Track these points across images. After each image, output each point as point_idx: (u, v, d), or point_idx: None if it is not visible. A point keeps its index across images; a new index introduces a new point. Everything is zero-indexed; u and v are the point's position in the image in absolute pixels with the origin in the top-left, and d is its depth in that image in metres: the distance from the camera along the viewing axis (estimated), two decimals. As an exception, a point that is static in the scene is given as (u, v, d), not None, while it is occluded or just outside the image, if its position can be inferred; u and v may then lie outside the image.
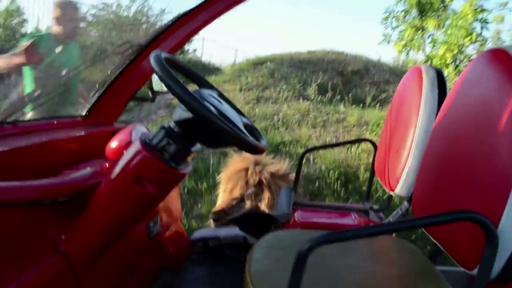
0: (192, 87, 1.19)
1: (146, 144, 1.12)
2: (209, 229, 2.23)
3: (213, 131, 1.00)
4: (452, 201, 1.02)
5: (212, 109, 1.08)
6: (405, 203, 1.60)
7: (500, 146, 0.89)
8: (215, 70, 11.93)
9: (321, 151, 5.05)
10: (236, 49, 20.14)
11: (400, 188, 1.57)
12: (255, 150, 1.08)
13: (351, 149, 4.75)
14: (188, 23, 1.93)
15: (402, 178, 1.56)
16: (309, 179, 4.43)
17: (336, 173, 4.51)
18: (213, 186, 4.39)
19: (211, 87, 1.34)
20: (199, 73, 1.35)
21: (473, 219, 0.82)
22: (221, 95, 1.31)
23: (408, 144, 1.57)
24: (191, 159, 1.23)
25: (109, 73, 2.06)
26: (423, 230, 1.18)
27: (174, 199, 2.15)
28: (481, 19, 3.81)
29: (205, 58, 16.29)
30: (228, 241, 2.03)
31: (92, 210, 1.22)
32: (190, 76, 1.34)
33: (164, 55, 1.12)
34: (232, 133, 0.98)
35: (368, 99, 8.62)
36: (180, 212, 2.26)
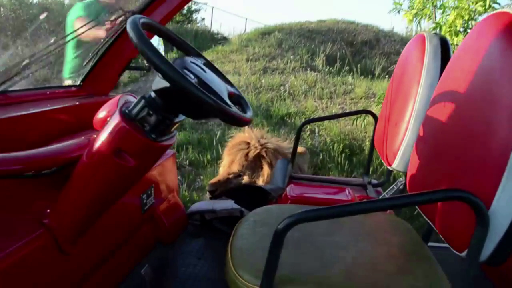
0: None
1: (125, 115, 1.07)
2: (206, 202, 2.20)
3: (192, 101, 0.94)
4: (446, 178, 0.96)
5: (192, 77, 1.02)
6: (401, 179, 1.54)
7: (499, 122, 0.81)
8: (222, 39, 11.72)
9: (326, 123, 4.97)
10: (247, 18, 19.84)
11: (398, 163, 1.51)
12: (238, 121, 1.02)
13: (356, 121, 4.66)
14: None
15: (400, 153, 1.49)
16: (313, 151, 4.37)
17: (341, 146, 4.44)
18: (217, 158, 4.36)
19: (197, 54, 1.27)
20: (185, 40, 1.28)
21: (463, 199, 0.76)
22: (207, 63, 1.24)
23: (407, 116, 1.49)
24: (175, 129, 1.18)
25: (102, 41, 2.00)
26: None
27: (170, 171, 2.12)
28: (497, -18, 3.59)
29: (215, 27, 16.05)
30: (224, 214, 2.00)
31: (74, 184, 1.18)
32: (175, 43, 1.26)
33: (142, 20, 1.05)
34: (211, 104, 0.92)
35: (377, 71, 8.42)
36: (177, 185, 2.23)
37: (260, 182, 2.32)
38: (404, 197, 0.79)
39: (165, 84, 0.98)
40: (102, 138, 1.11)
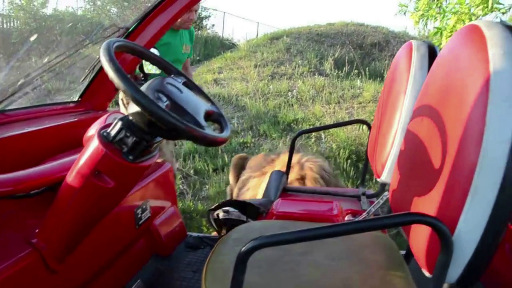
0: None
1: (103, 137, 1.09)
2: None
3: (164, 124, 0.95)
4: (420, 198, 0.94)
5: (164, 100, 1.03)
6: (386, 193, 1.52)
7: (466, 142, 0.80)
8: (232, 46, 11.77)
9: (332, 129, 4.94)
10: (258, 23, 19.86)
11: (386, 175, 1.49)
12: (211, 143, 1.03)
13: (362, 126, 4.61)
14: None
15: (387, 165, 1.48)
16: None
17: (347, 152, 4.40)
18: (222, 167, 4.37)
19: (177, 73, 1.28)
20: (164, 59, 1.29)
21: (427, 223, 0.75)
22: (187, 82, 1.25)
23: (394, 128, 1.47)
24: (155, 148, 1.19)
25: (98, 57, 2.02)
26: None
27: (166, 184, 2.13)
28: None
29: (227, 33, 16.12)
30: (235, 216, 1.97)
31: (58, 204, 1.21)
32: (155, 62, 1.28)
33: (117, 43, 1.07)
34: (179, 126, 0.93)
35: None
36: (175, 196, 2.25)
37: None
38: (370, 221, 0.78)
39: (138, 108, 1.00)
40: (82, 160, 1.13)
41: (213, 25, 17.24)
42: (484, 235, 0.74)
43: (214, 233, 2.53)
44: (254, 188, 2.68)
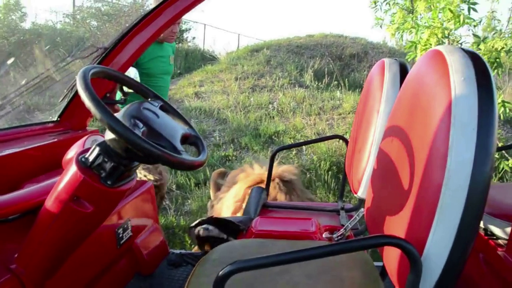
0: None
1: (81, 163, 1.10)
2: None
3: (140, 151, 0.97)
4: (391, 218, 0.97)
5: (140, 126, 1.05)
6: (362, 209, 1.56)
7: (432, 163, 0.83)
8: (212, 58, 11.80)
9: (312, 141, 4.99)
10: (239, 34, 19.92)
11: (362, 191, 1.53)
12: (188, 167, 1.05)
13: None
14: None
15: (363, 181, 1.51)
16: (300, 170, 4.39)
17: (327, 164, 4.46)
18: (205, 182, 4.37)
19: (155, 96, 1.30)
20: (141, 84, 1.31)
21: (396, 245, 0.78)
22: (163, 106, 1.27)
23: (369, 145, 1.51)
24: (133, 172, 1.21)
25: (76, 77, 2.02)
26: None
27: (148, 202, 2.13)
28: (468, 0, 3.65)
29: (208, 45, 16.11)
30: (215, 234, 1.97)
31: (37, 229, 1.21)
32: (133, 87, 1.30)
33: (94, 70, 1.09)
34: (154, 153, 0.95)
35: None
36: (156, 214, 2.24)
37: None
38: (342, 244, 0.81)
39: (113, 134, 1.01)
40: (60, 185, 1.13)
41: (193, 38, 17.29)
42: (451, 255, 0.77)
43: (195, 249, 2.53)
44: (224, 202, 2.69)
